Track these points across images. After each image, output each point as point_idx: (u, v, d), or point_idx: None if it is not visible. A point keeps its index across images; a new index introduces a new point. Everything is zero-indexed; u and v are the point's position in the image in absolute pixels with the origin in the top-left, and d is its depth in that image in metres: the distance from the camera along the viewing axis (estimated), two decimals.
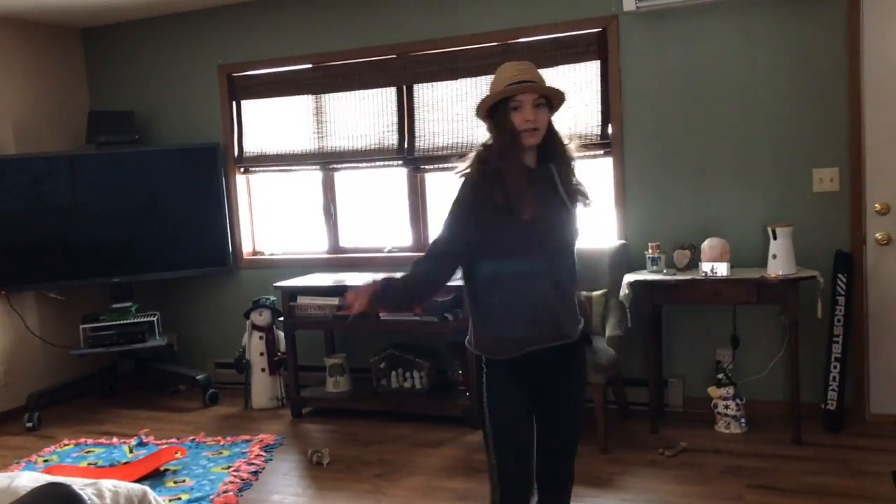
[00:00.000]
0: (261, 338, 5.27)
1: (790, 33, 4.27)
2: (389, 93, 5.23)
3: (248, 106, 5.64)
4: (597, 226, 4.86)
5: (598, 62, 4.69)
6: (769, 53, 4.32)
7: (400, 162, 5.24)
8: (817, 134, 4.28)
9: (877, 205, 4.20)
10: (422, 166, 5.20)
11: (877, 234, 4.21)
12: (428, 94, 5.12)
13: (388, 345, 5.02)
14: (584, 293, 4.49)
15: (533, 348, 2.39)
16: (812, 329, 4.25)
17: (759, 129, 4.38)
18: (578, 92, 4.74)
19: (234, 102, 5.66)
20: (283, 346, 5.22)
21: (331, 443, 4.55)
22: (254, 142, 5.64)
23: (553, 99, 2.43)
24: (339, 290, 4.86)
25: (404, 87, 5.19)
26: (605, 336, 4.32)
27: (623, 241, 4.62)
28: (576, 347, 2.50)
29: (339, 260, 5.48)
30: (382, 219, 5.49)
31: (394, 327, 4.79)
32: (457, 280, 2.49)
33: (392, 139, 5.24)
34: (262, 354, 5.26)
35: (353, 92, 5.29)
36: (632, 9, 4.39)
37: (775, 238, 4.08)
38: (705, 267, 4.19)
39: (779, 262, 4.06)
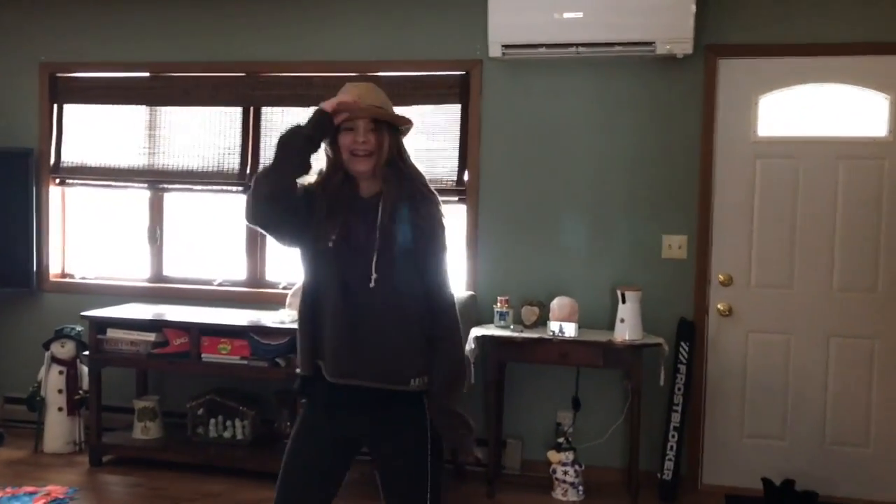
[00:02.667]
0: (61, 372, 4.62)
1: (650, 98, 4.27)
2: (234, 113, 4.82)
3: (71, 111, 5.04)
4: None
5: (460, 106, 4.52)
6: (628, 116, 4.30)
7: (240, 188, 4.83)
8: (669, 200, 4.28)
9: (720, 276, 4.24)
10: None
11: (719, 305, 4.24)
12: (277, 119, 4.76)
13: (208, 389, 4.54)
14: None
15: (334, 379, 2.23)
16: (653, 396, 4.19)
17: (613, 189, 4.34)
18: (437, 135, 4.55)
19: (55, 106, 5.03)
20: (86, 383, 4.60)
21: (133, 498, 4.00)
22: (75, 151, 5.03)
23: (397, 123, 2.25)
24: (157, 325, 4.35)
25: (251, 109, 4.81)
26: None
27: (472, 293, 4.42)
28: (405, 398, 2.23)
29: (162, 290, 4.94)
30: (215, 249, 5.03)
31: (215, 370, 4.33)
32: (291, 323, 2.21)
33: (233, 163, 4.82)
34: (60, 392, 4.61)
35: (193, 108, 4.85)
36: (497, 55, 4.25)
37: (624, 301, 4.01)
38: (553, 326, 4.05)
39: (626, 327, 3.99)
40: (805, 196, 4.15)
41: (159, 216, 5.02)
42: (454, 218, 4.60)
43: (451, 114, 4.55)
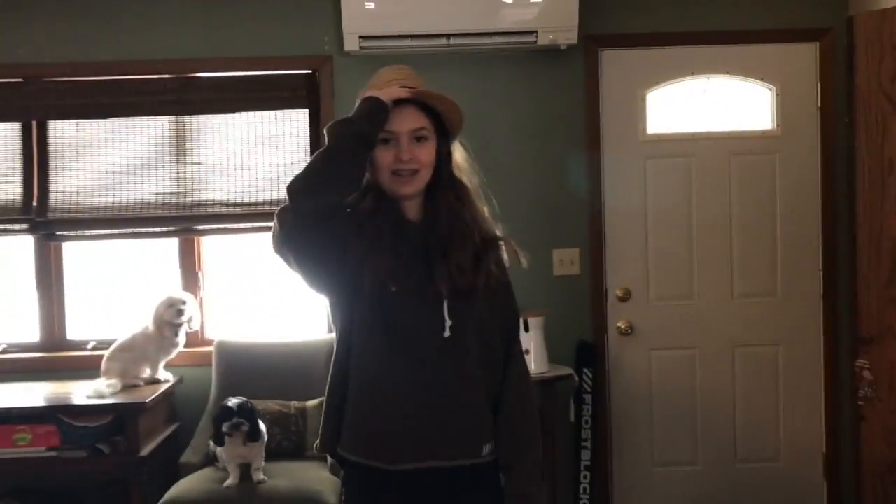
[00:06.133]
0: None
1: (530, 96, 3.79)
2: (10, 130, 3.76)
3: None
4: (307, 315, 3.90)
5: (308, 111, 3.78)
6: (507, 117, 3.78)
7: (24, 226, 3.76)
8: (557, 209, 3.81)
9: (618, 290, 3.83)
10: (58, 232, 3.78)
11: (618, 323, 3.83)
12: (71, 134, 3.75)
13: (1, 492, 3.44)
14: (294, 403, 3.47)
15: (404, 466, 1.71)
16: (564, 434, 3.68)
17: (497, 201, 3.79)
18: (283, 146, 3.78)
19: None
20: None
21: None
22: None
23: (447, 121, 1.74)
24: None
25: (34, 124, 3.76)
26: (328, 462, 3.32)
27: None
28: (475, 475, 1.77)
29: None
30: None
31: (13, 468, 3.27)
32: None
33: (13, 193, 3.75)
34: None
35: None
36: (354, 48, 3.57)
37: (527, 330, 3.45)
38: None
39: (531, 359, 3.44)
40: (699, 197, 3.83)
41: None
42: None
43: (296, 120, 3.80)
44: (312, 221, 1.61)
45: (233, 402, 3.15)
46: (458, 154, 1.85)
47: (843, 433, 3.82)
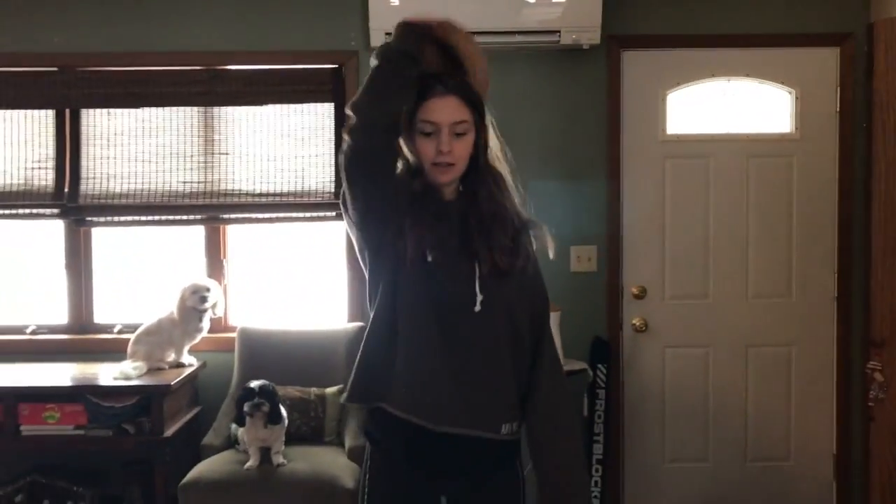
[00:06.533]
0: None
1: (552, 94, 3.83)
2: (44, 117, 3.86)
3: None
4: (328, 304, 3.98)
5: (333, 105, 3.86)
6: (529, 115, 3.82)
7: (56, 211, 3.86)
8: (576, 207, 3.86)
9: (633, 288, 3.88)
10: (88, 218, 3.88)
11: (633, 320, 3.88)
12: (103, 124, 3.85)
13: (29, 468, 3.55)
14: (314, 390, 3.55)
15: (439, 427, 1.78)
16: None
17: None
18: (307, 139, 3.85)
19: None
20: None
21: None
22: None
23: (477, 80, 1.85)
24: None
25: (67, 112, 3.86)
26: (346, 447, 3.40)
27: (361, 324, 3.74)
28: (493, 452, 1.84)
29: None
30: (26, 287, 4.02)
31: (41, 444, 3.38)
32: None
33: (46, 179, 3.85)
34: None
35: None
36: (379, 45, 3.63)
37: None
38: None
39: None
40: (716, 198, 3.87)
41: None
42: (332, 237, 3.96)
43: (322, 114, 3.87)
44: (376, 131, 1.70)
45: (255, 383, 3.23)
46: (493, 143, 1.92)
47: (854, 434, 3.85)
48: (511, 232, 1.84)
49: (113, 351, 3.71)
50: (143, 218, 3.87)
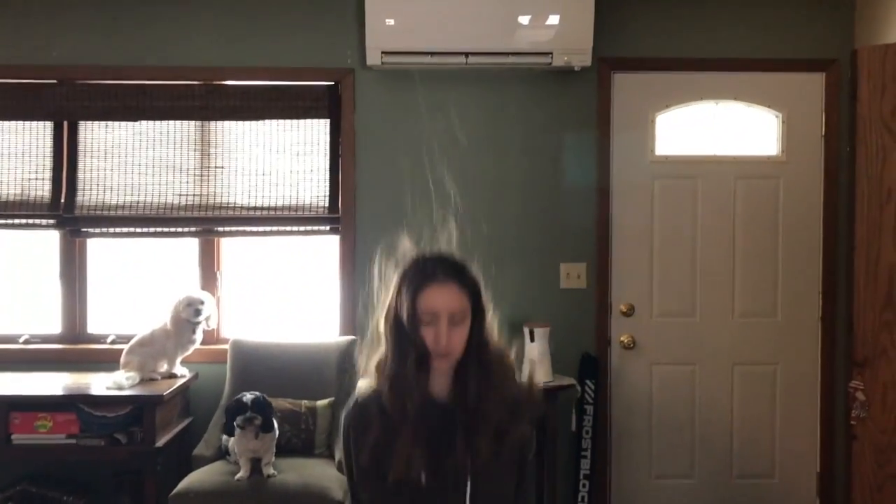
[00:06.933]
0: None
1: (543, 114, 3.90)
2: (42, 129, 3.90)
3: None
4: (321, 317, 4.02)
5: (329, 121, 3.92)
6: (520, 134, 3.90)
7: (52, 221, 3.90)
8: (566, 224, 3.92)
9: (622, 305, 3.94)
10: (83, 229, 3.91)
11: (621, 337, 3.93)
12: (100, 135, 3.89)
13: (19, 477, 3.57)
14: (305, 402, 3.58)
15: None
16: (565, 442, 3.78)
17: (505, 214, 3.91)
18: (302, 154, 3.91)
19: None
20: None
21: None
22: None
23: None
24: None
25: (65, 124, 3.90)
26: (336, 459, 3.43)
27: (353, 338, 3.78)
28: None
29: None
30: (19, 296, 4.05)
31: (33, 453, 3.40)
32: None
33: (42, 190, 3.89)
34: None
35: None
36: (375, 63, 3.70)
37: (532, 340, 3.58)
38: None
39: (536, 369, 3.55)
40: (704, 218, 3.94)
41: None
42: (326, 250, 4.01)
43: (317, 130, 3.93)
44: None
45: (247, 397, 3.25)
46: (493, 325, 1.82)
47: (838, 452, 3.91)
48: (494, 428, 1.74)
49: (106, 361, 3.73)
50: (139, 230, 3.91)
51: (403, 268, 1.79)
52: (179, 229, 3.91)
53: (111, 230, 3.92)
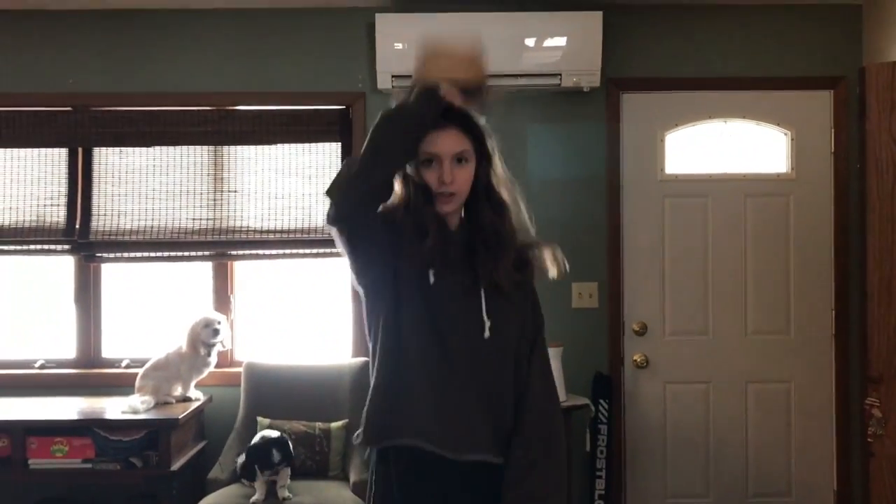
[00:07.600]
0: None
1: (553, 135, 3.93)
2: (57, 155, 3.95)
3: None
4: (333, 339, 4.04)
5: (340, 144, 3.95)
6: (530, 155, 3.92)
7: (67, 247, 3.93)
8: (577, 244, 3.91)
9: (634, 324, 3.94)
10: (98, 254, 3.95)
11: (634, 356, 3.93)
12: (114, 162, 3.94)
13: (36, 500, 3.58)
14: (319, 425, 3.59)
15: (420, 444, 1.76)
16: (579, 463, 3.77)
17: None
18: (314, 177, 3.94)
19: None
20: None
21: None
22: None
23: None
24: None
25: (80, 150, 3.95)
26: (350, 482, 3.43)
27: (366, 359, 3.77)
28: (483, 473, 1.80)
29: None
30: (35, 322, 4.08)
31: (49, 478, 3.42)
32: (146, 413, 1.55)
33: (57, 216, 3.93)
34: None
35: (4, 150, 3.92)
36: (387, 86, 3.74)
37: None
38: None
39: None
40: (715, 237, 3.95)
41: None
42: (337, 273, 4.03)
43: (329, 153, 3.97)
44: (366, 200, 1.73)
45: (271, 440, 3.28)
46: (498, 170, 1.90)
47: (854, 469, 3.89)
48: (512, 255, 1.84)
49: (120, 385, 3.75)
50: (153, 254, 3.94)
51: None
52: (193, 253, 3.94)
53: (125, 255, 3.95)
